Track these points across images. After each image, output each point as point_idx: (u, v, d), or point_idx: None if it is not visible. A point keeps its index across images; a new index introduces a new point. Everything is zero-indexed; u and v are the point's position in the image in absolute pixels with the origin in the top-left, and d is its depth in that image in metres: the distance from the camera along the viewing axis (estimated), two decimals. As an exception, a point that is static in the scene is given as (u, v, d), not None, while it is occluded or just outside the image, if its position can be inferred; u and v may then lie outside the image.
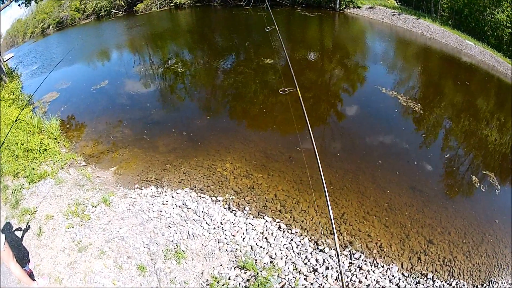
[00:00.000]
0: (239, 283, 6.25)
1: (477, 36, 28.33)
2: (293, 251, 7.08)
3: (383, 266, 7.11)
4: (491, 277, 7.39)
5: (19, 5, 26.70)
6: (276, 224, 7.76)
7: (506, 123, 15.55)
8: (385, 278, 6.83)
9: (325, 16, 31.58)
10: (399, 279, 6.88)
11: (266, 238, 7.30)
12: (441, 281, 7.03)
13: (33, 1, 23.68)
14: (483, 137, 13.45)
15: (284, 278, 6.43)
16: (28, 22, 41.02)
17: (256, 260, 6.72)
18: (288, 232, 7.57)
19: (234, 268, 6.57)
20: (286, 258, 6.89)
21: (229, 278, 6.34)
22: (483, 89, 19.62)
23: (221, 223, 7.54)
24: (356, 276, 6.70)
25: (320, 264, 6.83)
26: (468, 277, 7.27)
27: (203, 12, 35.33)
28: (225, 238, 7.18)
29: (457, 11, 30.22)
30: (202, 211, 7.83)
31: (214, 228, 7.39)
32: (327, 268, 6.75)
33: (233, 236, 7.23)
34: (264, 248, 7.04)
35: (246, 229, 7.46)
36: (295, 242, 7.28)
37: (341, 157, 10.65)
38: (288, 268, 6.66)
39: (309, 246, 7.27)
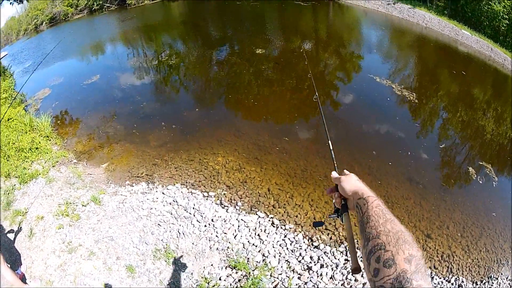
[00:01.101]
0: (230, 284, 6.07)
1: (473, 26, 28.33)
2: (287, 248, 6.87)
3: (380, 263, 6.94)
4: (490, 273, 7.26)
5: (10, 3, 26.51)
6: (269, 220, 7.53)
7: (503, 113, 15.43)
8: (382, 276, 6.66)
9: (319, 5, 31.52)
10: (397, 277, 6.72)
11: (258, 235, 7.08)
12: (440, 278, 6.88)
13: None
14: (480, 127, 13.35)
15: (277, 278, 6.23)
16: (21, 19, 40.69)
17: (248, 259, 6.52)
18: (281, 228, 7.35)
19: (225, 268, 6.37)
20: (280, 256, 6.69)
21: (220, 279, 6.14)
22: (479, 79, 19.58)
23: (212, 220, 7.31)
24: (352, 274, 6.52)
25: (314, 262, 6.64)
26: (467, 273, 7.13)
27: (196, 3, 35.04)
28: (216, 236, 6.96)
29: (453, 0, 30.09)
30: (193, 208, 7.60)
31: (205, 226, 7.17)
32: (321, 266, 6.55)
33: (225, 233, 7.01)
34: (256, 246, 6.83)
35: (238, 226, 7.24)
36: (288, 239, 7.07)
37: (336, 147, 10.41)
38: (282, 267, 6.47)
39: (303, 242, 7.06)
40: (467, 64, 21.37)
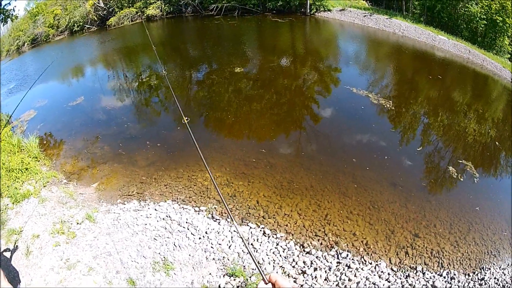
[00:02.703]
0: (230, 290, 6.25)
1: (450, 30, 28.94)
2: (280, 255, 7.10)
3: (371, 263, 7.17)
4: (482, 264, 7.50)
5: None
6: (260, 230, 7.77)
7: (484, 113, 15.88)
8: (374, 275, 6.89)
9: (296, 21, 31.97)
10: (389, 274, 6.95)
11: (252, 244, 7.31)
12: (431, 273, 7.11)
13: (9, 19, 23.56)
14: (455, 127, 13.84)
15: (274, 282, 6.42)
16: (4, 40, 40.47)
17: (244, 266, 6.71)
18: (273, 237, 7.59)
19: (223, 276, 6.54)
20: (274, 263, 6.90)
21: (219, 286, 6.33)
22: (456, 81, 20.02)
23: (206, 233, 7.51)
24: (345, 275, 6.74)
25: (308, 266, 6.87)
26: (459, 266, 7.36)
27: (175, 23, 35.38)
28: (211, 247, 7.15)
29: (429, 7, 30.79)
30: (186, 222, 7.79)
31: (200, 238, 7.36)
32: (315, 269, 6.79)
33: (219, 244, 7.20)
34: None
35: (232, 237, 7.44)
36: (281, 246, 7.31)
37: (319, 159, 10.78)
38: (277, 272, 6.66)
39: (295, 249, 7.30)
40: (445, 69, 21.83)
